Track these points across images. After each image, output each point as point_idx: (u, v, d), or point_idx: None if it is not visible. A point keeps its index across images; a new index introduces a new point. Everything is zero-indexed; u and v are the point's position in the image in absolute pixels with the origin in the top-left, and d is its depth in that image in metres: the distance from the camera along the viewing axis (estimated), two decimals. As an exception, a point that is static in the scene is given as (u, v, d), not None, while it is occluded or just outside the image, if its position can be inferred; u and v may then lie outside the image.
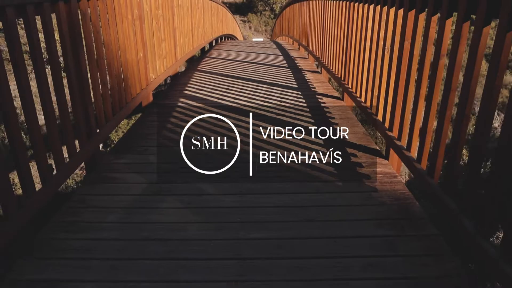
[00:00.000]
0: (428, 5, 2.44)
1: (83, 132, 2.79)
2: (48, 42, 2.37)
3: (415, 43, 2.65)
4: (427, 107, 2.41)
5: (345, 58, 4.53)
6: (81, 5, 2.82)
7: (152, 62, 4.56)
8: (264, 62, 7.56)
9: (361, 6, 3.94)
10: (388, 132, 3.05)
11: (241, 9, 34.18)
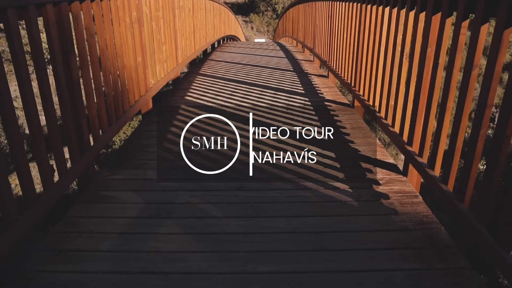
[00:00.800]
0: (457, 8, 2.19)
1: (74, 147, 2.54)
2: (34, 49, 2.13)
3: (441, 51, 2.40)
4: (455, 123, 2.16)
5: (355, 63, 4.28)
6: (73, 8, 2.58)
7: (152, 66, 4.32)
8: (268, 65, 7.31)
9: (375, 8, 3.69)
10: (407, 147, 2.80)
11: (243, 9, 33.95)
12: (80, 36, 2.69)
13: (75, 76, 2.56)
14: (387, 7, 3.39)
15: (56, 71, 2.36)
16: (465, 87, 2.08)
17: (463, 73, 2.08)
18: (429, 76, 2.56)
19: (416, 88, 2.71)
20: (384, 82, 3.39)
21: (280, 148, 3.27)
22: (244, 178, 2.81)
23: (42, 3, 2.18)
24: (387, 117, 3.29)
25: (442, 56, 2.40)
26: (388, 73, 3.32)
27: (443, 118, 2.33)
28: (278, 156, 3.12)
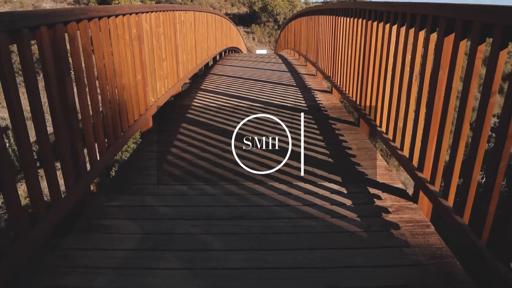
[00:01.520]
0: (472, 31, 2.07)
1: (69, 174, 2.42)
2: (26, 73, 2.02)
3: (454, 75, 2.28)
4: (471, 153, 2.04)
5: (361, 81, 4.17)
6: (69, 29, 2.47)
7: (152, 84, 4.22)
8: (271, 79, 7.21)
9: (381, 25, 3.58)
10: (417, 173, 2.67)
11: (244, 20, 34.04)
12: (76, 56, 2.58)
13: (71, 99, 2.45)
14: (394, 25, 3.29)
15: (51, 94, 2.25)
16: (482, 115, 1.95)
17: (480, 100, 1.96)
18: (441, 100, 2.44)
19: (427, 112, 2.59)
20: (392, 102, 3.28)
21: (284, 172, 3.15)
22: (247, 205, 2.69)
23: (35, 26, 2.08)
24: (395, 140, 3.16)
25: (456, 80, 2.29)
26: (396, 94, 3.21)
27: (457, 146, 2.21)
28: (282, 181, 3.00)
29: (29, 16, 2.01)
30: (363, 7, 4.12)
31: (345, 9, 4.97)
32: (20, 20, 1.92)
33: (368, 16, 3.94)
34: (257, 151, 3.57)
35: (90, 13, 2.72)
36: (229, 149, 3.60)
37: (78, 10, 2.56)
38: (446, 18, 2.36)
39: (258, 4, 32.76)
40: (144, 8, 3.92)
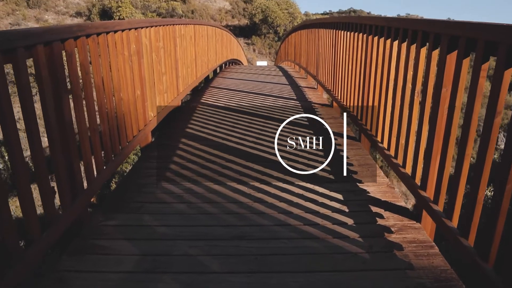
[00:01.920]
0: (476, 50, 2.04)
1: (65, 193, 2.37)
2: (22, 92, 1.98)
3: (457, 93, 2.24)
4: (476, 173, 1.99)
5: (362, 96, 4.14)
6: (67, 46, 2.44)
7: (151, 98, 4.18)
8: (271, 93, 7.19)
9: (382, 40, 3.56)
10: (420, 192, 2.62)
11: (245, 32, 34.19)
12: (74, 74, 2.54)
13: (68, 117, 2.41)
14: (395, 41, 3.26)
15: (47, 113, 2.21)
16: (487, 135, 1.91)
17: (485, 120, 1.92)
18: (444, 118, 2.40)
19: (430, 129, 2.55)
20: (394, 118, 3.24)
21: (284, 189, 3.10)
22: (247, 225, 2.64)
23: (31, 45, 2.04)
24: (397, 156, 3.12)
25: (459, 98, 2.25)
26: (398, 110, 3.17)
27: (462, 166, 2.16)
28: (283, 199, 2.95)
29: (25, 35, 1.98)
30: (364, 22, 4.10)
31: (345, 23, 4.96)
32: (15, 40, 1.89)
33: (369, 30, 3.92)
34: (256, 167, 3.52)
35: (88, 30, 2.69)
36: (229, 166, 3.55)
37: (76, 27, 2.53)
38: (448, 35, 2.33)
39: (259, 16, 32.93)
40: (143, 23, 3.90)
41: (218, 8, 36.55)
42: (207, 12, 33.51)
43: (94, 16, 27.07)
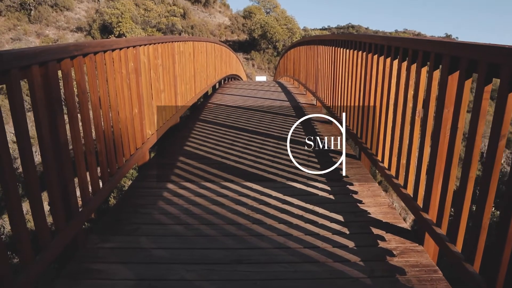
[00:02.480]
0: (478, 71, 2.00)
1: (60, 216, 2.31)
2: (15, 114, 1.94)
3: (460, 114, 2.20)
4: (481, 198, 1.94)
5: (362, 114, 4.10)
6: (63, 66, 2.40)
7: (149, 116, 4.14)
8: (271, 109, 7.16)
9: (382, 59, 3.53)
10: (423, 214, 2.57)
11: (244, 47, 34.39)
12: (70, 93, 2.50)
13: (63, 138, 2.36)
14: (395, 60, 3.23)
15: (41, 134, 2.16)
16: (492, 159, 1.87)
17: (489, 144, 1.88)
18: (446, 139, 2.36)
19: (432, 150, 2.50)
20: (395, 137, 3.19)
21: (284, 210, 3.04)
22: (246, 248, 2.57)
23: (26, 65, 2.01)
24: (398, 177, 3.07)
25: (462, 120, 2.21)
26: (399, 129, 3.13)
27: (465, 189, 2.11)
28: (282, 220, 2.89)
29: (19, 56, 1.94)
30: (364, 40, 4.09)
31: (345, 40, 4.95)
32: (9, 61, 1.85)
33: (368, 49, 3.90)
34: (254, 186, 3.47)
35: (85, 49, 2.66)
36: (227, 185, 3.50)
37: (72, 47, 2.50)
38: (449, 56, 2.30)
39: (258, 31, 33.15)
40: (142, 41, 3.88)
41: (218, 24, 36.81)
42: (207, 28, 33.72)
43: (94, 31, 27.23)
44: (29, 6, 27.50)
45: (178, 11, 31.84)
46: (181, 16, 32.48)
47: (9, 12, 27.42)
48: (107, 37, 26.54)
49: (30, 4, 27.44)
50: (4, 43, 25.32)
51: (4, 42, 25.47)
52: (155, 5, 30.98)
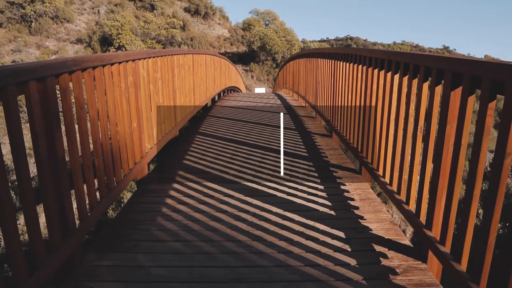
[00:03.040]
0: (482, 87, 1.98)
1: (56, 233, 2.27)
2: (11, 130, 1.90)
3: (463, 131, 2.17)
4: (486, 216, 1.90)
5: (362, 127, 4.07)
6: (61, 81, 2.38)
7: (148, 130, 4.11)
8: (270, 122, 7.12)
9: (383, 73, 3.51)
10: (426, 231, 2.52)
11: (243, 59, 34.49)
12: (68, 109, 2.47)
13: (60, 154, 2.33)
14: (396, 74, 3.22)
15: (38, 151, 2.13)
16: (497, 177, 1.83)
17: (493, 161, 1.84)
18: (449, 155, 2.33)
19: (435, 166, 2.47)
20: (396, 152, 3.16)
21: (284, 227, 2.99)
22: (246, 266, 2.52)
23: (24, 81, 1.98)
24: (400, 192, 3.03)
25: (465, 136, 2.18)
26: (400, 144, 3.10)
27: (470, 207, 2.07)
28: (283, 237, 2.85)
29: (16, 72, 1.91)
30: (364, 54, 4.07)
31: (344, 54, 4.94)
32: (6, 77, 1.82)
33: (369, 63, 3.88)
34: (254, 202, 3.43)
35: (84, 64, 2.64)
36: (226, 201, 3.46)
37: (71, 62, 2.47)
38: (451, 71, 2.28)
39: (257, 43, 33.29)
40: (141, 55, 3.86)
41: (217, 36, 36.96)
42: (206, 40, 33.86)
43: (94, 43, 27.32)
44: (30, 18, 27.63)
45: (178, 23, 31.98)
46: (181, 28, 32.61)
47: (10, 24, 27.54)
48: (107, 49, 26.66)
49: (31, 16, 27.57)
50: (4, 54, 25.40)
51: (5, 53, 25.54)
52: (155, 17, 31.14)
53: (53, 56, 26.49)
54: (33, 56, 25.65)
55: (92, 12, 32.13)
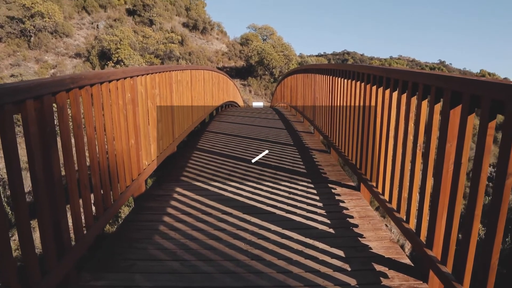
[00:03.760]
0: (482, 107, 1.97)
1: (51, 253, 2.23)
2: (7, 153, 1.88)
3: (463, 150, 2.16)
4: (488, 237, 1.88)
5: (361, 144, 4.06)
6: (58, 99, 2.36)
7: (146, 147, 4.09)
8: (268, 138, 7.11)
9: (381, 90, 3.51)
10: (426, 250, 2.49)
11: (241, 73, 34.64)
12: (65, 127, 2.45)
13: (56, 173, 2.30)
14: (395, 92, 3.21)
15: (34, 170, 2.10)
16: (499, 198, 1.81)
17: (495, 181, 1.82)
18: (449, 174, 2.31)
19: (435, 184, 2.45)
20: (395, 170, 3.14)
21: (283, 245, 2.96)
22: (244, 286, 2.48)
23: (21, 100, 1.96)
24: (400, 210, 3.00)
25: (465, 155, 2.16)
26: (399, 161, 3.08)
27: (471, 227, 2.05)
28: (282, 256, 2.81)
29: (13, 91, 1.89)
30: (362, 71, 4.07)
31: (343, 70, 4.95)
32: (2, 96, 1.80)
33: (367, 79, 3.88)
34: (253, 220, 3.39)
35: (81, 82, 2.62)
36: (225, 218, 3.42)
37: (68, 80, 2.46)
38: (451, 90, 2.27)
39: (255, 58, 33.47)
40: (139, 71, 3.86)
41: (215, 50, 37.17)
42: (204, 54, 34.04)
43: (93, 58, 27.42)
44: (29, 32, 27.77)
45: (176, 38, 32.16)
46: (179, 43, 32.80)
47: (10, 38, 27.66)
48: (105, 63, 26.75)
49: (30, 31, 27.70)
50: (3, 69, 25.45)
51: (3, 67, 25.60)
52: (154, 32, 31.31)
53: (51, 70, 26.57)
54: (31, 70, 25.72)
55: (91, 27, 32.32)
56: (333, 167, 5.04)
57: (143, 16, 34.29)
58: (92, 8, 33.15)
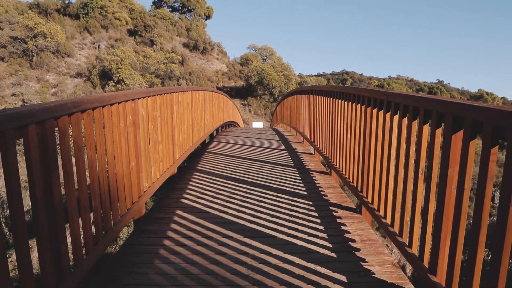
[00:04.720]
0: (484, 132, 1.97)
1: (50, 278, 2.20)
2: (8, 172, 1.87)
3: (466, 175, 2.15)
4: (494, 262, 1.86)
5: (362, 166, 4.05)
6: (60, 123, 2.36)
7: (147, 169, 4.08)
8: (268, 159, 7.10)
9: (382, 113, 3.52)
10: (430, 276, 2.46)
11: (241, 93, 34.84)
12: (66, 150, 2.44)
13: (57, 197, 2.28)
14: (396, 115, 3.22)
15: (34, 194, 2.09)
16: (503, 225, 1.79)
17: (498, 209, 1.81)
18: (452, 199, 2.30)
19: (438, 209, 2.43)
20: (397, 193, 3.13)
21: (285, 270, 2.92)
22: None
23: (23, 125, 1.96)
24: (403, 234, 2.98)
25: (468, 180, 2.15)
26: (401, 186, 3.07)
27: (476, 254, 2.03)
28: (283, 281, 2.77)
29: (16, 117, 1.90)
30: (362, 93, 4.09)
31: (343, 93, 4.97)
32: (4, 122, 1.80)
33: (368, 102, 3.90)
34: (254, 243, 3.36)
35: (83, 106, 2.63)
36: (225, 242, 3.39)
37: (70, 104, 2.46)
38: (452, 115, 2.27)
39: (255, 78, 33.71)
40: (140, 94, 3.87)
41: (215, 70, 37.46)
42: (204, 74, 34.28)
43: (94, 77, 27.62)
44: (31, 52, 28.03)
45: (177, 58, 32.46)
46: (179, 63, 33.07)
47: (12, 58, 27.91)
48: (106, 83, 26.91)
49: (32, 51, 27.97)
50: (4, 88, 25.62)
51: (5, 86, 25.78)
52: (154, 52, 31.61)
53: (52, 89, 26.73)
54: (32, 90, 25.88)
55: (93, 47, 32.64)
56: (334, 189, 5.02)
57: (144, 36, 34.66)
58: (94, 29, 33.52)
